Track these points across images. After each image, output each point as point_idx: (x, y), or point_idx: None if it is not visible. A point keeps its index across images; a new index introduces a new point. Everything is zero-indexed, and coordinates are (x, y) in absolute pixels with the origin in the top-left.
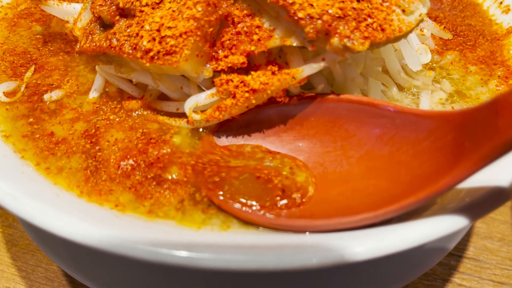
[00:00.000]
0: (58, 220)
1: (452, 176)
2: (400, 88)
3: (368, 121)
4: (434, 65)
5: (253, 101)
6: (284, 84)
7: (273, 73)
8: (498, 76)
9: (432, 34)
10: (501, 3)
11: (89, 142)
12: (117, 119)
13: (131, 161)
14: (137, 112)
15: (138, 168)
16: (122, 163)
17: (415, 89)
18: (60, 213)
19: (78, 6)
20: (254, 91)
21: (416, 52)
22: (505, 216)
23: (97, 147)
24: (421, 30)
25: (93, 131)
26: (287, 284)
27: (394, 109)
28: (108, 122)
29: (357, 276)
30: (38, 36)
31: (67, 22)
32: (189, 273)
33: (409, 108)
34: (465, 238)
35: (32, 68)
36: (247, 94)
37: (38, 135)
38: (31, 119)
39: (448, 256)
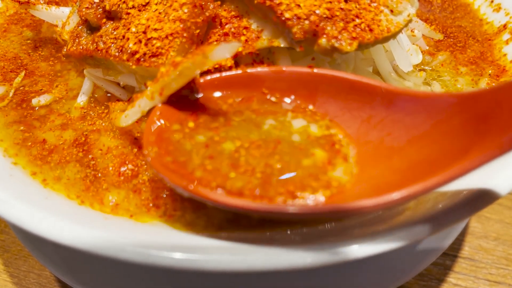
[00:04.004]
0: (45, 222)
1: (472, 158)
2: None
3: (353, 101)
4: (426, 67)
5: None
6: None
7: None
8: (489, 75)
9: (423, 35)
10: (492, 1)
11: (81, 150)
12: (103, 124)
13: (130, 166)
14: None
15: (139, 171)
16: (121, 169)
17: None
18: (48, 215)
19: (66, 10)
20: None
21: (407, 52)
22: (500, 215)
23: (90, 156)
24: (411, 31)
25: (83, 139)
26: (278, 283)
27: (386, 88)
28: (95, 129)
29: (349, 277)
30: (28, 42)
31: (57, 26)
32: (182, 275)
33: (403, 88)
34: (460, 237)
35: (22, 74)
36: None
37: (30, 143)
38: (22, 127)
39: (443, 256)
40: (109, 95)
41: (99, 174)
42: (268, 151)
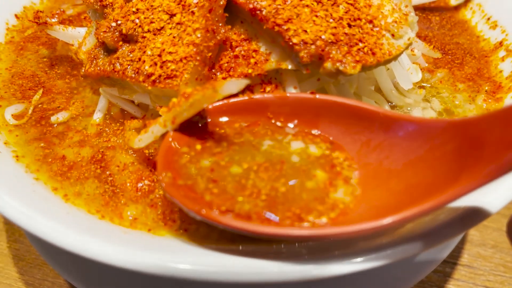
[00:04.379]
0: (68, 236)
1: (462, 185)
2: (392, 106)
3: (353, 125)
4: (425, 84)
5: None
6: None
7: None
8: (486, 91)
9: (422, 53)
10: (488, 19)
11: (98, 167)
12: (118, 141)
13: (147, 182)
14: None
15: (155, 186)
16: (139, 184)
17: (408, 108)
18: (70, 230)
19: (82, 30)
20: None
21: (407, 71)
22: (497, 224)
23: (107, 172)
24: (411, 50)
25: (100, 156)
26: None
27: (384, 113)
28: (110, 145)
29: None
30: (45, 59)
31: (72, 45)
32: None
33: (401, 114)
34: (460, 245)
35: (40, 91)
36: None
37: (50, 159)
38: (42, 143)
39: (443, 264)
40: (124, 112)
41: (117, 190)
42: (275, 174)
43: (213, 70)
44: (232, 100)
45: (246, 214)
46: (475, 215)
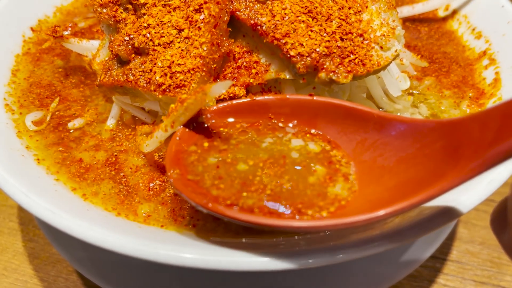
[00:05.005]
0: (90, 230)
1: (448, 180)
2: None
3: (349, 125)
4: (414, 91)
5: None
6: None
7: None
8: (470, 97)
9: (410, 62)
10: (473, 29)
11: (113, 169)
12: (130, 145)
13: (158, 182)
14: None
15: (165, 185)
16: (150, 184)
17: (397, 113)
18: (92, 225)
19: (95, 43)
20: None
21: (396, 80)
22: (485, 222)
23: (121, 174)
24: (400, 60)
25: (114, 159)
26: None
27: (378, 114)
28: (123, 149)
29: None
30: (60, 70)
31: (85, 56)
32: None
33: (393, 115)
34: (449, 242)
35: (57, 99)
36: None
37: (68, 162)
38: (60, 148)
39: (433, 259)
40: (135, 118)
41: (131, 189)
42: (281, 170)
43: (218, 80)
44: (236, 101)
45: (249, 208)
46: (450, 213)
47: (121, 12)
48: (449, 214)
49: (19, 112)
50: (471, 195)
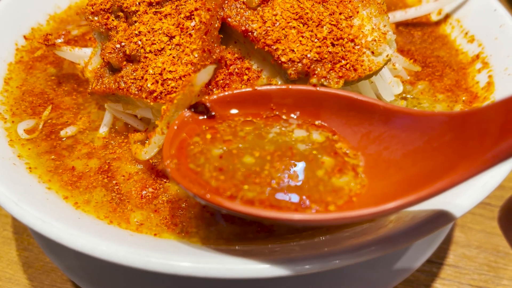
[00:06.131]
0: (80, 239)
1: (459, 173)
2: None
3: (354, 117)
4: (408, 95)
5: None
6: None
7: None
8: (463, 101)
9: (403, 67)
10: (466, 33)
11: (106, 177)
12: (122, 153)
13: (150, 189)
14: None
15: (158, 193)
16: (143, 192)
17: None
18: (83, 233)
19: (87, 51)
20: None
21: (388, 84)
22: (481, 226)
23: (114, 181)
24: (393, 64)
25: (107, 167)
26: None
27: (384, 106)
28: (116, 157)
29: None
30: (52, 78)
31: (78, 64)
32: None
33: (400, 107)
34: (445, 246)
35: (49, 108)
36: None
37: (61, 170)
38: (53, 156)
39: (430, 264)
40: (128, 126)
41: (123, 197)
42: (290, 163)
43: (210, 87)
44: (237, 91)
45: (250, 201)
46: (445, 217)
47: (113, 20)
48: (443, 217)
49: (11, 120)
50: (465, 198)
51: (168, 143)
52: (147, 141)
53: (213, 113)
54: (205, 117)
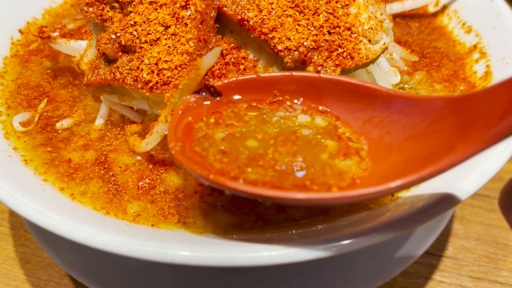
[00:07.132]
0: (78, 229)
1: (459, 152)
2: None
3: (356, 103)
4: (405, 86)
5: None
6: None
7: None
8: (461, 91)
9: (400, 57)
10: (464, 24)
11: (102, 168)
12: (119, 144)
13: (147, 180)
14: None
15: (155, 184)
16: (140, 183)
17: None
18: (79, 224)
19: (83, 43)
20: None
21: (386, 74)
22: (480, 218)
23: (110, 173)
24: (390, 54)
25: (103, 158)
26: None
27: (386, 91)
28: (112, 148)
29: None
30: (48, 71)
31: (74, 57)
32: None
33: (401, 92)
34: (445, 238)
35: (45, 100)
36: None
37: (57, 162)
38: (49, 148)
39: (429, 256)
40: (124, 117)
41: (120, 188)
42: (293, 148)
43: (206, 77)
44: (241, 77)
45: (252, 183)
46: (443, 204)
47: (108, 11)
48: (441, 205)
49: (7, 113)
50: (464, 185)
51: (173, 127)
52: (148, 132)
53: (217, 98)
54: (209, 102)
